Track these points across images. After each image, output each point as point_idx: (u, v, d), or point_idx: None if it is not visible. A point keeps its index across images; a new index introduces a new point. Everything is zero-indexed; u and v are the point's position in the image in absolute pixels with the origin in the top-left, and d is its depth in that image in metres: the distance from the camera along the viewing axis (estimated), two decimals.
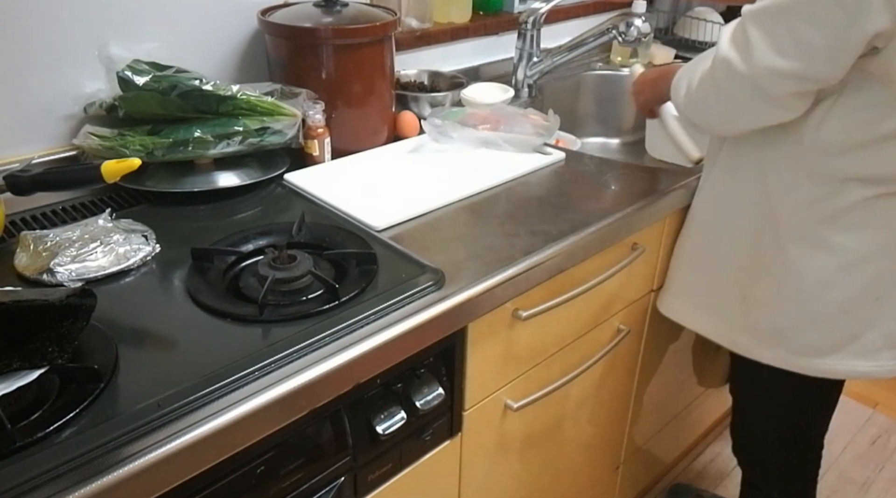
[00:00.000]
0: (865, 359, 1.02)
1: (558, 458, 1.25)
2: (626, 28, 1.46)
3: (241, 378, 0.68)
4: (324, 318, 0.77)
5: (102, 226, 0.91)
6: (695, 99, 0.99)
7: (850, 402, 2.05)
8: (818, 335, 1.02)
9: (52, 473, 0.57)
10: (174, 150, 1.01)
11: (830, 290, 0.99)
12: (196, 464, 0.64)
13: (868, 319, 1.00)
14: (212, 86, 1.03)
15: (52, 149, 1.06)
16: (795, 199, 0.97)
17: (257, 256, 0.89)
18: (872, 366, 1.02)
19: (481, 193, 1.09)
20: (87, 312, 0.69)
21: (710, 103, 0.97)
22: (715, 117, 1.00)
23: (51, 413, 0.63)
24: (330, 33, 1.12)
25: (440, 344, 0.86)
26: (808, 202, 0.96)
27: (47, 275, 0.82)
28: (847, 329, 1.00)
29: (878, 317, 1.00)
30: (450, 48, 1.57)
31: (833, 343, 1.01)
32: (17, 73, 1.00)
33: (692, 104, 1.01)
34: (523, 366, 1.04)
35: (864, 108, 0.89)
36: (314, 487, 0.80)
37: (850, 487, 1.79)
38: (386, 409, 0.84)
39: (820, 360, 1.03)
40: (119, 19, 1.07)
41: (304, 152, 1.15)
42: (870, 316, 0.99)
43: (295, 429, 0.74)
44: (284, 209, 1.04)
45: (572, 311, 1.07)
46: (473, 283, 0.85)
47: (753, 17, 0.87)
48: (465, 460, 1.01)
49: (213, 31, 1.18)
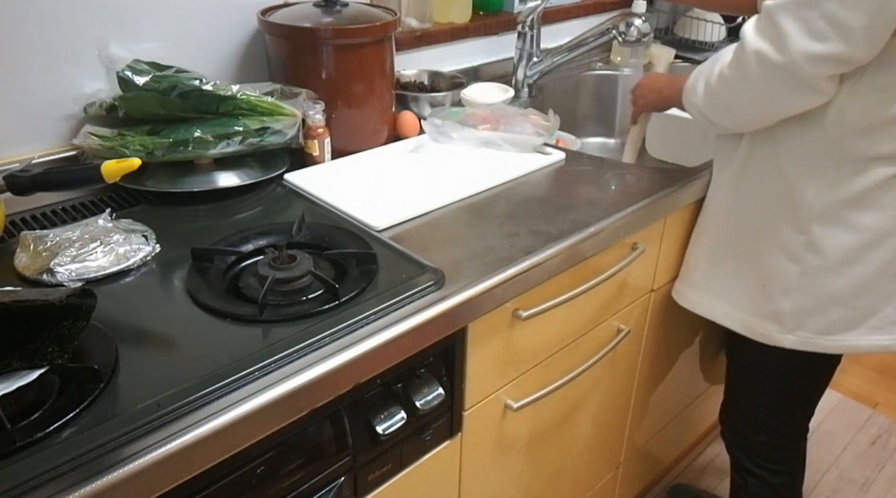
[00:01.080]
0: (884, 332, 1.06)
1: (558, 458, 1.25)
2: (626, 28, 1.46)
3: (241, 378, 0.68)
4: (324, 318, 0.77)
5: (102, 226, 0.91)
6: (717, 95, 1.01)
7: (850, 402, 2.06)
8: (840, 312, 1.05)
9: (52, 473, 0.57)
10: (174, 150, 1.01)
11: (854, 267, 1.02)
12: (196, 464, 0.64)
13: (887, 293, 1.04)
14: (212, 86, 1.03)
15: (52, 149, 1.06)
16: (819, 184, 0.99)
17: (257, 256, 0.89)
18: (890, 339, 1.06)
19: (481, 193, 1.09)
20: (87, 312, 0.69)
21: (736, 97, 0.99)
22: (741, 111, 1.01)
23: (51, 413, 0.63)
24: (330, 33, 1.12)
25: (440, 344, 0.86)
26: (831, 184, 0.99)
27: (47, 275, 0.82)
28: (867, 304, 1.05)
29: (894, 291, 1.04)
30: (450, 48, 1.57)
31: (853, 319, 1.05)
32: (17, 73, 1.00)
33: (714, 101, 1.02)
34: (523, 366, 1.04)
35: (886, 88, 0.91)
36: (314, 487, 0.80)
37: (850, 487, 1.79)
38: (386, 409, 0.84)
39: (842, 336, 1.07)
40: (119, 19, 1.07)
41: (304, 152, 1.15)
42: (888, 291, 1.04)
43: (295, 429, 0.74)
44: (284, 209, 1.04)
45: (572, 311, 1.07)
46: (473, 283, 0.85)
47: (781, 6, 0.88)
48: (465, 460, 1.01)
49: (213, 31, 1.18)
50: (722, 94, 1.00)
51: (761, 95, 0.96)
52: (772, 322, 1.11)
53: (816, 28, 0.85)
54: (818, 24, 0.85)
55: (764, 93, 0.95)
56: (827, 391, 1.20)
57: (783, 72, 0.90)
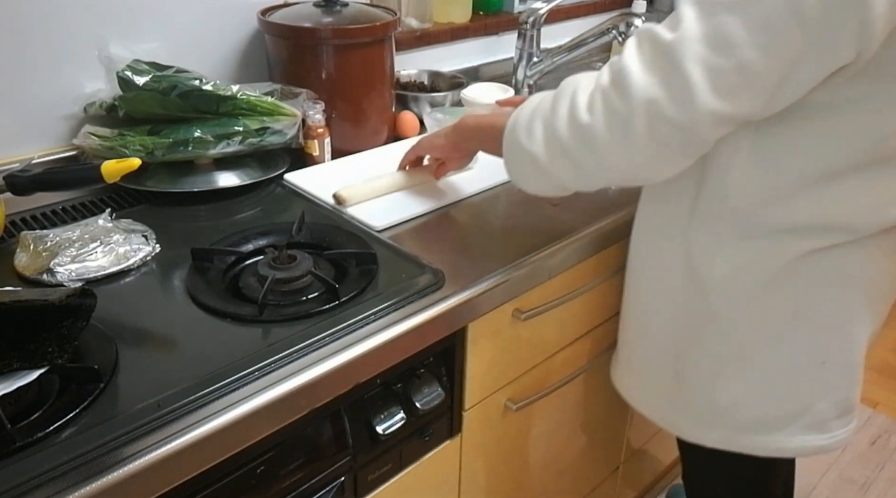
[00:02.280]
0: (818, 431, 0.90)
1: (558, 458, 1.25)
2: (626, 28, 1.46)
3: (241, 378, 0.68)
4: (324, 318, 0.77)
5: (102, 226, 0.91)
6: (568, 148, 0.76)
7: None
8: (763, 409, 0.90)
9: (52, 473, 0.57)
10: (174, 150, 1.01)
11: (771, 356, 0.87)
12: (196, 464, 0.64)
13: (816, 386, 0.88)
14: (212, 86, 1.03)
15: (52, 149, 1.06)
16: (724, 264, 0.83)
17: (257, 256, 0.89)
18: (825, 439, 0.91)
19: (481, 193, 1.09)
20: (87, 312, 0.69)
21: (599, 154, 0.74)
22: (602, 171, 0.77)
23: (51, 413, 0.63)
24: (330, 33, 1.12)
25: (440, 344, 0.86)
26: (738, 266, 0.82)
27: (47, 275, 0.82)
28: (795, 399, 0.89)
29: (826, 383, 0.88)
30: (450, 48, 1.57)
31: (781, 416, 0.90)
32: (17, 73, 1.00)
33: (562, 153, 0.77)
34: (523, 366, 1.04)
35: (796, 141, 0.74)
36: (314, 487, 0.80)
37: (850, 487, 1.79)
38: (386, 409, 0.84)
39: (769, 436, 0.91)
40: (119, 19, 1.07)
41: (304, 152, 1.15)
42: (817, 383, 0.88)
43: (295, 429, 0.74)
44: (284, 209, 1.04)
45: (572, 311, 1.07)
46: (473, 283, 0.85)
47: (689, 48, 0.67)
48: (465, 460, 1.01)
49: (213, 31, 1.18)
50: (576, 148, 0.75)
51: (640, 155, 0.73)
52: (689, 416, 0.95)
53: (728, 82, 0.66)
54: (730, 78, 0.66)
55: (646, 154, 0.72)
56: None
57: (682, 132, 0.69)
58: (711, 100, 0.67)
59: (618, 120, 0.71)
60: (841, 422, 0.92)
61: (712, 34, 0.66)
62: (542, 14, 1.53)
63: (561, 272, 0.97)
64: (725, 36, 0.65)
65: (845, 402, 0.91)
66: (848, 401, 0.91)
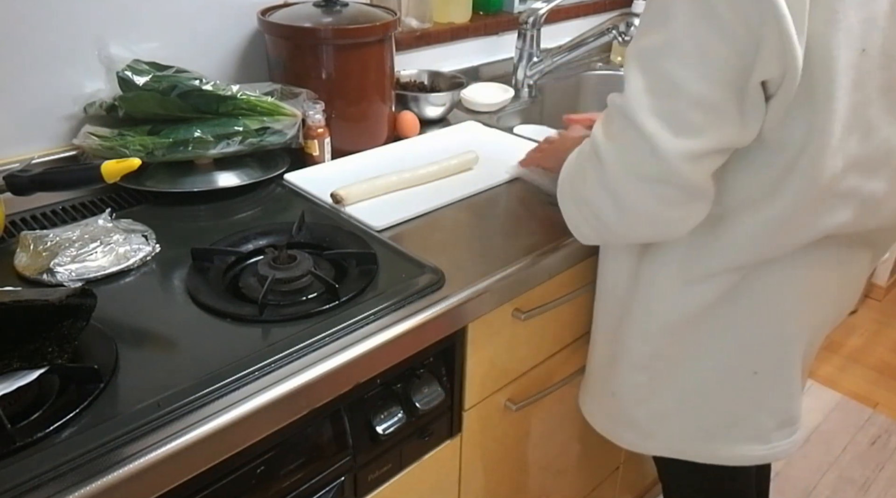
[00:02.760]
0: (759, 442, 0.93)
1: (558, 458, 1.25)
2: (626, 28, 1.46)
3: (241, 378, 0.68)
4: (324, 318, 0.77)
5: (102, 226, 0.91)
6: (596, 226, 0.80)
7: (850, 402, 2.05)
8: (698, 417, 0.92)
9: (52, 473, 0.57)
10: (174, 150, 1.01)
11: (701, 362, 0.88)
12: (196, 464, 0.64)
13: (752, 396, 0.90)
14: (212, 86, 1.03)
15: (52, 149, 1.06)
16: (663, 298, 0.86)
17: (257, 256, 0.89)
18: (766, 449, 0.93)
19: (481, 193, 1.09)
20: (87, 312, 0.69)
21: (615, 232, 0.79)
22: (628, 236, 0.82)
23: (51, 413, 0.63)
24: (330, 33, 1.12)
25: (440, 344, 0.86)
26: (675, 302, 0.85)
27: (47, 275, 0.82)
28: (729, 409, 0.91)
29: (760, 394, 0.90)
30: (450, 48, 1.57)
31: (718, 424, 0.92)
32: (17, 74, 1.00)
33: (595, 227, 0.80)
34: (523, 366, 1.04)
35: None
36: (314, 487, 0.80)
37: (850, 487, 1.79)
38: (386, 409, 0.84)
39: (711, 444, 0.93)
40: (119, 19, 1.07)
41: (304, 152, 1.15)
42: (751, 393, 0.90)
43: (295, 429, 0.74)
44: (284, 209, 1.04)
45: (572, 311, 1.07)
46: (473, 283, 0.85)
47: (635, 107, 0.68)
48: (465, 460, 1.01)
49: (213, 31, 1.18)
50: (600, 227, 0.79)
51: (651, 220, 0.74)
52: (628, 430, 0.98)
53: (688, 120, 0.67)
54: (689, 116, 0.67)
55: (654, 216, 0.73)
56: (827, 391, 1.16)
57: (668, 184, 0.69)
58: (676, 143, 0.67)
59: (610, 197, 0.73)
60: (782, 433, 0.93)
61: (655, 82, 0.67)
62: (542, 14, 1.53)
63: (561, 272, 0.97)
64: (668, 79, 0.67)
65: (784, 413, 0.92)
66: (787, 412, 0.93)
